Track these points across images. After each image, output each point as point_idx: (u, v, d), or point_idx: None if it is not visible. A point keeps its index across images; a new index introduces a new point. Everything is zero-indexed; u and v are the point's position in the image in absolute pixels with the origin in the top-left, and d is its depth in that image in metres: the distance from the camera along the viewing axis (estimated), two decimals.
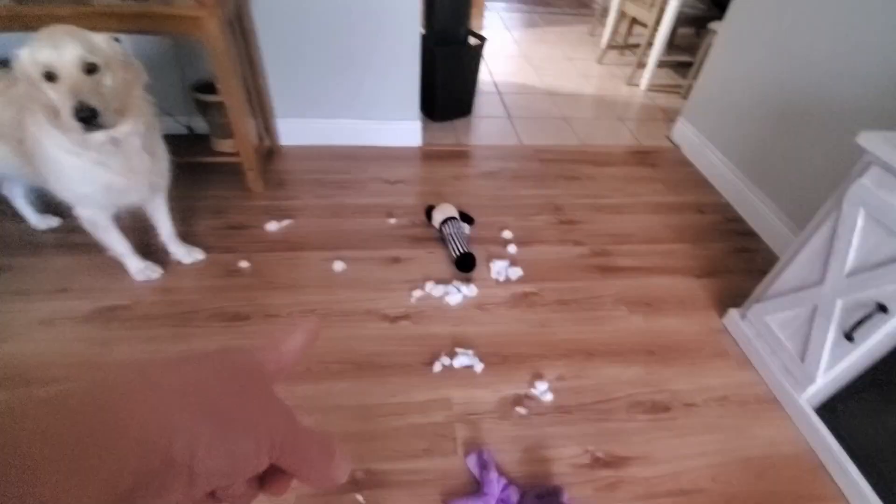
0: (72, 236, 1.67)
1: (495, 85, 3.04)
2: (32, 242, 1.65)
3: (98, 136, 1.13)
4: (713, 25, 2.73)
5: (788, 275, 1.31)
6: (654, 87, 3.18)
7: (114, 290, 1.49)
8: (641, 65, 3.16)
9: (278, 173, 2.06)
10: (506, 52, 3.59)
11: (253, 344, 0.27)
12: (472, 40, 2.48)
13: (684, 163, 2.41)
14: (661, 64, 3.40)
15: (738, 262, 1.82)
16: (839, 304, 1.14)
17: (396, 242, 1.77)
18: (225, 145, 1.90)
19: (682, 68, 3.49)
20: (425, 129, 2.37)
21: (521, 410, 1.28)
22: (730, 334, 1.54)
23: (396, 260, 1.70)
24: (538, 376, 1.36)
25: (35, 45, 1.03)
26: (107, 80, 1.10)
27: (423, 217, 1.88)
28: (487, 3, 4.45)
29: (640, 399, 1.34)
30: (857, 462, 1.16)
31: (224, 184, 1.94)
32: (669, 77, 3.37)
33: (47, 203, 1.68)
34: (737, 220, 2.05)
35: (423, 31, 2.12)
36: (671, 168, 2.35)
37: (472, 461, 1.16)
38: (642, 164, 2.37)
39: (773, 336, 1.36)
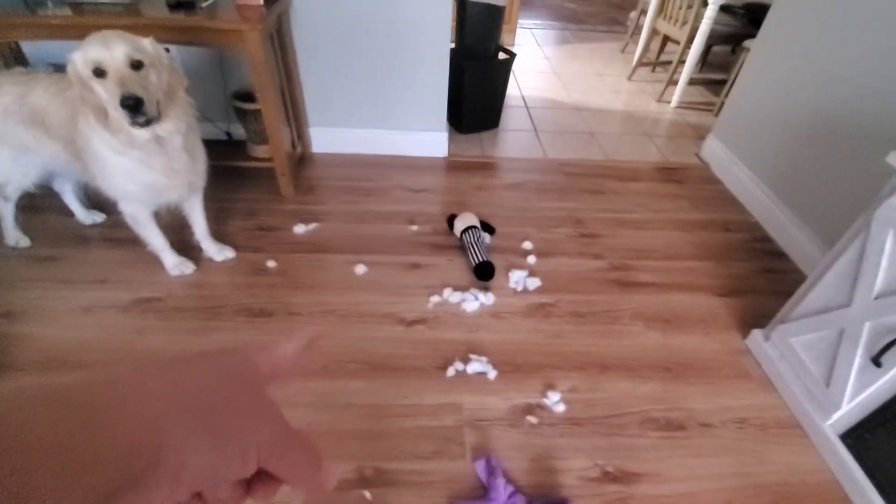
0: (114, 231, 1.78)
1: (523, 99, 3.08)
2: (78, 235, 1.77)
3: (142, 133, 1.22)
4: (747, 43, 2.70)
5: (814, 295, 1.27)
6: (684, 105, 3.15)
7: (150, 283, 1.58)
8: (673, 82, 3.14)
9: (308, 179, 2.14)
10: (536, 67, 3.63)
11: (252, 345, 0.28)
12: (502, 55, 2.53)
13: (712, 180, 2.37)
14: (693, 81, 3.38)
15: (764, 283, 1.78)
16: (867, 327, 1.11)
17: (417, 249, 1.81)
18: (260, 151, 1.99)
19: (717, 86, 3.44)
20: (452, 140, 2.42)
21: (531, 419, 1.28)
22: (752, 355, 1.50)
23: (416, 266, 1.74)
24: (551, 386, 1.37)
25: (86, 45, 1.13)
26: (151, 76, 1.19)
27: (444, 225, 1.92)
28: (520, 21, 4.51)
29: (654, 416, 1.32)
30: (884, 494, 1.11)
31: (257, 187, 2.03)
32: (702, 94, 3.33)
33: (94, 199, 1.80)
34: (766, 239, 2.00)
35: (453, 45, 2.18)
36: (698, 185, 2.32)
37: (479, 466, 1.17)
38: (668, 180, 2.35)
39: (797, 359, 1.33)
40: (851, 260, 1.16)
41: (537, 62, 3.74)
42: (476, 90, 2.44)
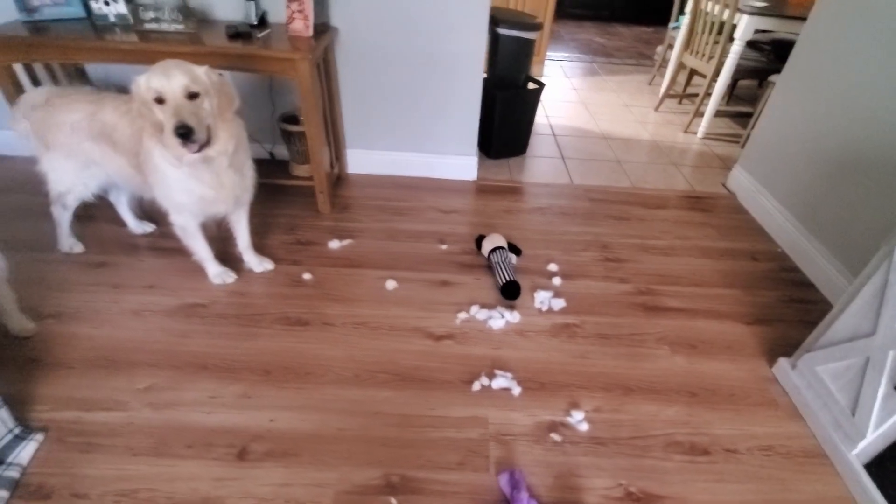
0: (162, 241, 1.90)
1: (551, 127, 3.16)
2: (129, 244, 1.89)
3: (190, 157, 1.33)
4: (773, 78, 2.74)
5: (841, 324, 1.28)
6: (711, 136, 3.18)
7: (194, 290, 1.68)
8: (699, 114, 3.18)
9: (344, 198, 2.24)
10: (564, 97, 3.73)
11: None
12: (531, 85, 2.63)
13: (739, 210, 2.39)
14: (720, 113, 3.42)
15: (791, 312, 1.78)
16: (891, 355, 1.11)
17: (446, 267, 1.87)
18: (301, 170, 2.11)
19: (743, 118, 3.48)
20: (481, 165, 2.50)
21: (555, 437, 1.31)
22: (779, 384, 1.49)
23: (445, 283, 1.80)
24: (574, 405, 1.39)
25: (150, 74, 1.26)
26: (204, 104, 1.31)
27: (473, 245, 1.98)
28: (549, 53, 4.64)
29: (678, 439, 1.32)
30: None
31: (297, 204, 2.14)
32: (728, 126, 3.37)
33: (145, 210, 1.93)
34: (793, 269, 2.00)
35: (485, 74, 2.28)
36: (725, 214, 2.34)
37: (503, 480, 1.19)
38: (694, 208, 2.37)
39: (823, 387, 1.32)
40: (876, 289, 1.17)
41: (565, 92, 3.84)
42: (506, 118, 2.53)
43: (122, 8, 1.76)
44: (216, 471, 1.17)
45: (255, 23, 1.85)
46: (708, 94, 3.13)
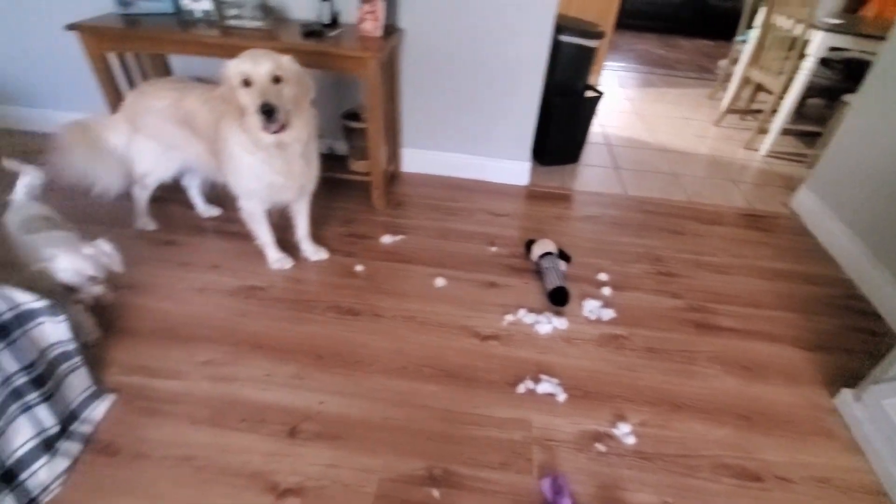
0: (226, 225, 2.00)
1: (605, 137, 3.12)
2: (196, 226, 2.00)
3: (269, 138, 1.40)
4: (847, 98, 2.60)
5: None
6: (774, 154, 3.05)
7: (254, 273, 1.76)
8: (763, 131, 3.06)
9: (398, 195, 2.30)
10: (619, 107, 3.67)
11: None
12: (589, 93, 2.60)
13: (802, 232, 2.28)
14: (786, 132, 3.27)
15: (855, 342, 1.68)
16: None
17: (495, 269, 1.88)
18: (359, 166, 2.18)
19: (809, 138, 3.31)
20: (533, 170, 2.50)
21: (599, 447, 1.29)
22: (839, 415, 1.42)
23: (493, 285, 1.81)
24: (620, 417, 1.37)
25: (240, 58, 1.34)
26: (286, 90, 1.38)
27: (522, 249, 1.98)
28: (606, 63, 4.58)
29: (728, 462, 1.28)
30: None
31: (352, 198, 2.21)
32: (793, 145, 3.22)
33: (213, 195, 2.04)
34: (858, 298, 1.89)
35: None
36: (786, 235, 2.24)
37: (545, 484, 1.19)
38: (754, 227, 2.28)
39: (889, 423, 1.25)
40: None
41: (620, 102, 3.78)
42: (562, 125, 2.52)
43: (207, 5, 1.88)
44: (267, 446, 1.23)
45: (328, 22, 1.92)
46: (774, 111, 3.01)
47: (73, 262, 1.21)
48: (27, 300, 1.08)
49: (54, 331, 1.15)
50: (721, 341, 1.64)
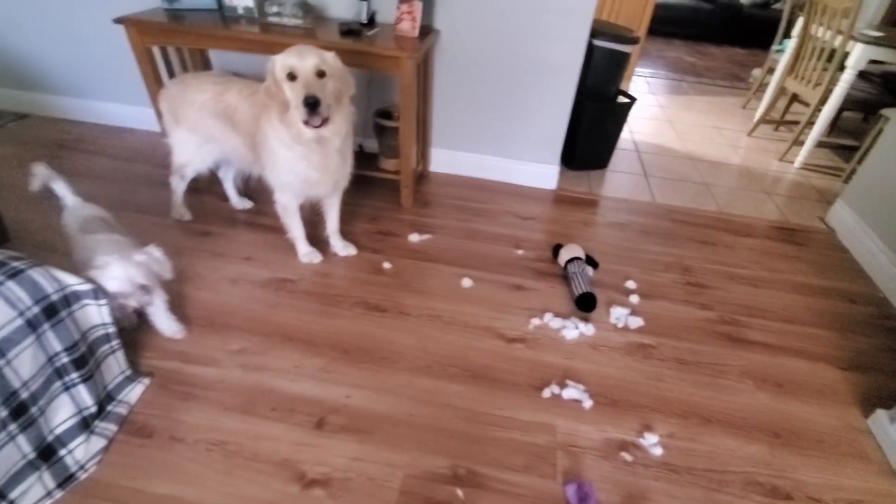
0: (259, 218, 2.04)
1: (634, 143, 3.09)
2: (230, 218, 2.04)
3: (309, 132, 1.42)
4: (886, 112, 2.53)
5: None
6: (809, 167, 2.98)
7: (284, 266, 1.79)
8: (798, 142, 2.99)
9: (425, 194, 2.31)
10: (648, 114, 3.63)
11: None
12: (622, 99, 2.58)
13: (837, 247, 2.22)
14: (821, 144, 3.19)
15: (891, 362, 1.63)
16: None
17: (521, 272, 1.88)
18: (389, 164, 2.19)
19: (845, 151, 3.23)
20: (560, 174, 2.48)
21: (626, 456, 1.28)
22: (873, 437, 1.38)
23: (519, 287, 1.80)
24: (647, 428, 1.35)
25: (286, 53, 1.37)
26: (329, 84, 1.40)
27: (549, 254, 1.97)
28: (637, 69, 4.53)
29: (758, 479, 1.26)
30: None
31: (381, 196, 2.23)
32: (829, 158, 3.14)
33: (248, 189, 2.08)
34: (895, 317, 1.84)
35: None
36: (821, 251, 2.19)
37: (570, 490, 1.18)
38: (787, 241, 2.23)
39: None
40: None
41: (651, 109, 3.73)
42: (592, 130, 2.51)
43: (249, 2, 1.92)
44: (296, 436, 1.24)
45: (366, 21, 1.95)
46: (811, 123, 2.94)
47: (126, 269, 1.20)
48: (74, 282, 1.11)
49: (96, 314, 1.18)
50: (752, 356, 1.61)
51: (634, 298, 1.79)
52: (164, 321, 1.43)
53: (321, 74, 1.37)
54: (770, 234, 2.28)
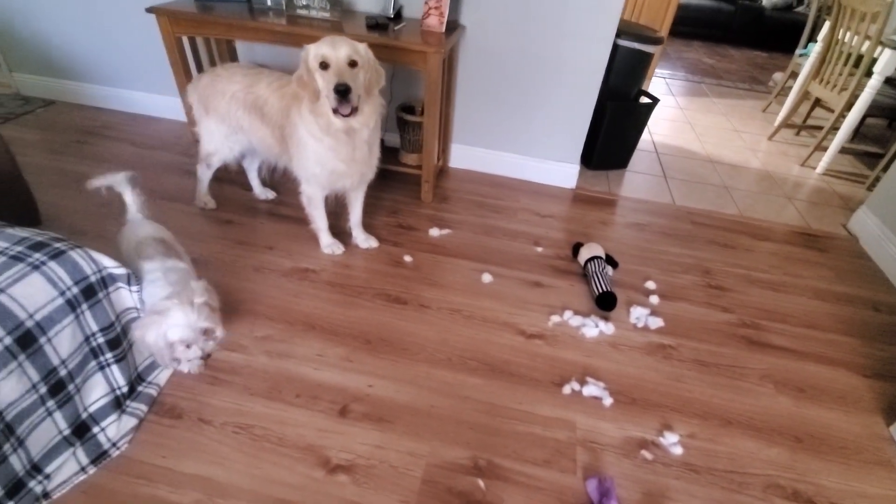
0: (280, 209, 2.06)
1: (653, 144, 3.07)
2: (252, 207, 2.07)
3: (339, 122, 1.44)
4: None
5: None
6: (832, 173, 2.95)
7: (307, 256, 1.81)
8: (821, 148, 2.96)
9: (445, 189, 2.32)
10: (668, 115, 3.61)
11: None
12: (644, 99, 2.57)
13: (860, 255, 2.20)
14: (844, 150, 3.16)
15: None
16: None
17: (540, 269, 1.88)
18: (410, 159, 2.21)
19: (869, 158, 3.19)
20: (579, 173, 2.48)
21: (646, 454, 1.28)
22: None
23: (538, 284, 1.81)
24: (667, 427, 1.35)
25: (319, 43, 1.39)
26: (360, 74, 1.42)
27: (568, 252, 1.98)
28: (656, 69, 4.50)
29: (780, 482, 1.25)
30: None
31: (401, 190, 2.25)
32: (853, 165, 3.10)
33: (270, 180, 2.11)
34: None
35: None
36: (843, 257, 2.17)
37: (591, 485, 1.19)
38: (809, 246, 2.21)
39: None
40: None
41: (670, 111, 3.71)
42: (613, 129, 2.50)
43: None
44: (320, 422, 1.26)
45: (392, 16, 1.96)
46: (834, 129, 2.90)
47: (187, 315, 1.10)
48: (110, 265, 1.14)
49: (129, 297, 1.21)
50: (774, 360, 1.60)
51: (654, 299, 1.79)
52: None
53: (353, 64, 1.38)
54: (791, 239, 2.26)
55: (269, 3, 1.96)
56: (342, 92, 1.35)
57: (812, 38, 3.60)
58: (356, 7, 2.10)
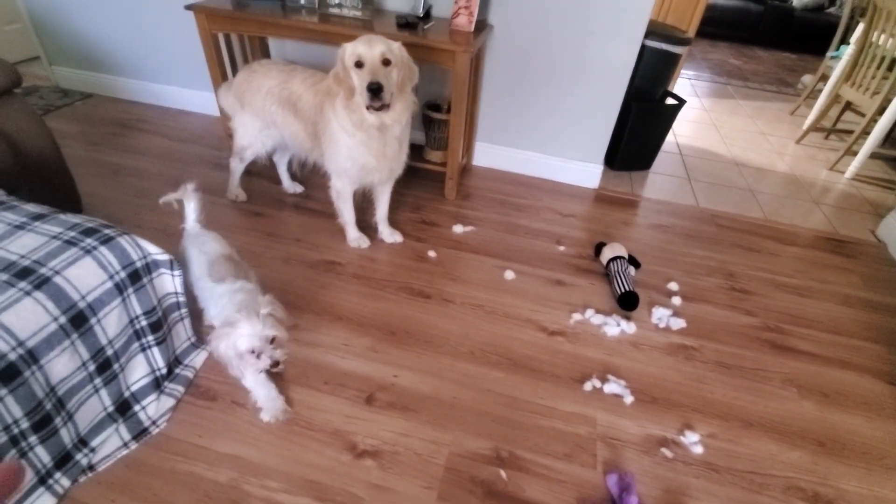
0: (308, 202, 2.11)
1: (678, 146, 3.05)
2: (280, 200, 2.12)
3: (372, 117, 1.48)
4: None
5: None
6: (861, 178, 2.89)
7: (333, 249, 1.86)
8: (851, 152, 2.91)
9: (467, 187, 2.35)
10: (692, 116, 3.58)
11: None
12: (669, 101, 2.56)
13: (889, 262, 2.16)
14: (875, 155, 3.09)
15: None
16: None
17: (562, 268, 1.90)
18: (434, 156, 2.24)
19: None
20: (602, 173, 2.48)
21: (666, 452, 1.29)
22: None
23: (560, 283, 1.83)
24: (688, 427, 1.36)
25: (355, 42, 1.43)
26: (393, 73, 1.46)
27: (590, 251, 1.99)
28: (681, 70, 4.46)
29: (800, 485, 1.26)
30: None
31: (425, 187, 2.28)
32: (883, 170, 3.04)
33: (299, 174, 2.16)
34: None
35: None
36: (872, 264, 2.13)
37: (612, 480, 1.20)
38: (836, 252, 2.19)
39: None
40: None
41: (694, 112, 3.68)
42: (638, 130, 2.50)
43: None
44: (347, 409, 1.31)
45: (422, 15, 1.99)
46: (865, 133, 2.85)
47: (253, 325, 1.10)
48: (154, 251, 1.20)
49: (170, 282, 1.26)
50: (798, 364, 1.59)
51: (677, 300, 1.79)
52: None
53: (387, 63, 1.42)
54: (818, 244, 2.24)
55: (302, 1, 2.01)
56: (374, 90, 1.39)
57: (844, 41, 3.53)
58: (386, 6, 2.14)
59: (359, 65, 1.41)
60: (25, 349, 0.94)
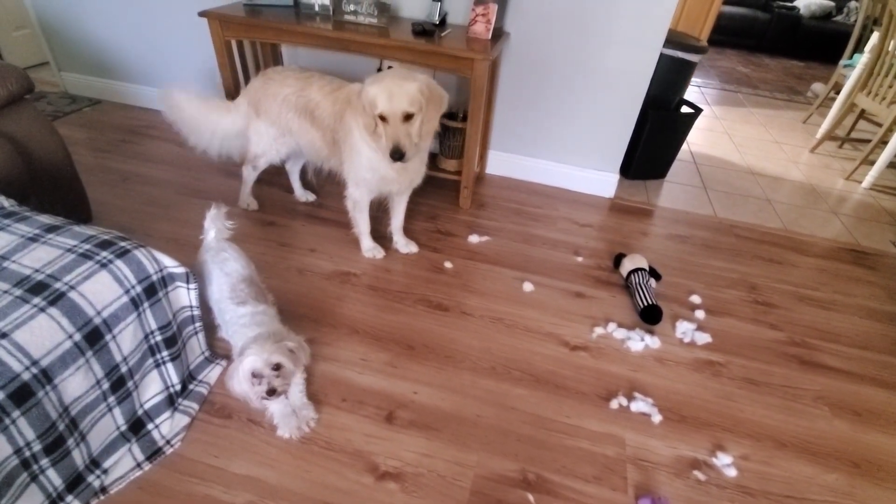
0: (320, 211, 2.08)
1: (691, 154, 3.02)
2: (292, 210, 2.09)
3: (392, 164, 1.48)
4: None
5: None
6: (879, 188, 2.85)
7: (348, 259, 1.82)
8: (868, 161, 2.87)
9: (482, 196, 2.31)
10: (704, 124, 3.54)
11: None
12: (685, 109, 2.53)
13: None
14: (893, 165, 3.05)
15: None
16: None
17: (581, 279, 1.86)
18: (449, 164, 2.20)
19: None
20: (617, 182, 2.45)
21: (698, 475, 1.24)
22: None
23: (580, 295, 1.78)
24: (720, 448, 1.32)
25: (378, 92, 1.39)
26: (416, 123, 1.44)
27: (608, 262, 1.95)
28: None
29: None
30: None
31: (439, 196, 2.24)
32: None
33: (317, 182, 2.12)
34: None
35: None
36: (894, 276, 2.09)
37: None
38: (857, 264, 2.14)
39: None
40: None
41: (706, 120, 3.65)
42: (653, 139, 2.46)
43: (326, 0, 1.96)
44: (367, 427, 1.26)
45: (437, 22, 1.96)
46: (883, 143, 2.81)
47: (262, 348, 1.07)
48: (170, 265, 1.16)
49: (186, 296, 1.22)
50: (827, 381, 1.55)
51: (700, 314, 1.74)
52: (295, 396, 1.27)
53: (408, 117, 1.41)
54: (839, 255, 2.19)
55: (316, 8, 1.99)
56: (397, 158, 1.40)
57: (858, 49, 3.50)
58: (402, 13, 2.11)
59: (382, 118, 1.40)
60: (39, 368, 0.90)
